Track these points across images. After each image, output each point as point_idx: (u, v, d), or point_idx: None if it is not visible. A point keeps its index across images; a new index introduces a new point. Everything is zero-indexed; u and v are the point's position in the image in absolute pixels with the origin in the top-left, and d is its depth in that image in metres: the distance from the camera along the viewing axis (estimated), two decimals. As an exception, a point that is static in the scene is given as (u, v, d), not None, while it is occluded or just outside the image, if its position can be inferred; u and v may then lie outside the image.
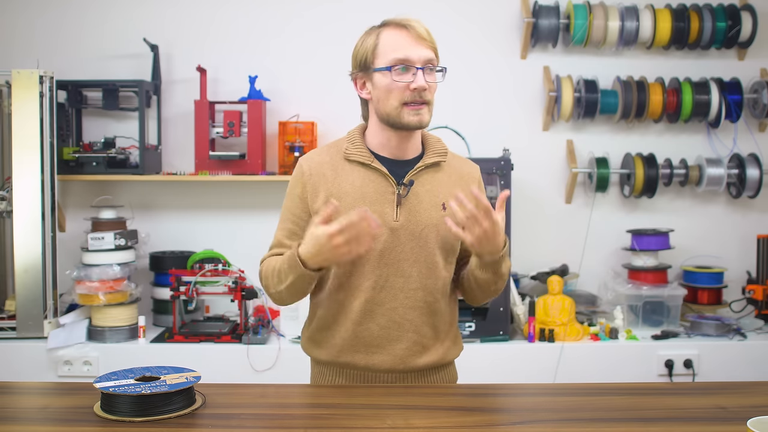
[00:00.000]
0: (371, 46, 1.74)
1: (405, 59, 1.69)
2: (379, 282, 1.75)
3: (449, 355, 1.85)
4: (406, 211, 1.75)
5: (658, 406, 1.59)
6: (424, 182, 1.78)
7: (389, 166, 1.78)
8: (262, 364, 2.91)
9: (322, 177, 1.78)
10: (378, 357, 1.77)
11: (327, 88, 3.38)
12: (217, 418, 1.50)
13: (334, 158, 1.80)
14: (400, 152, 1.79)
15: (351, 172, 1.77)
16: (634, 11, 3.31)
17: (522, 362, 2.97)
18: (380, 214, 1.74)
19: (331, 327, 1.81)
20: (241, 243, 3.37)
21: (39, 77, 2.92)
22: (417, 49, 1.70)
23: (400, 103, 1.71)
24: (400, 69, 1.70)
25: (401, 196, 1.75)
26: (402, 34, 1.72)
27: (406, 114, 1.71)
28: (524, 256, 3.36)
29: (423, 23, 1.74)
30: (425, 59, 1.70)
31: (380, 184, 1.76)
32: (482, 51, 3.43)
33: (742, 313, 3.33)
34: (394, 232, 1.74)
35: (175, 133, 3.40)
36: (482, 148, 3.25)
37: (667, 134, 3.49)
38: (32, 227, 2.92)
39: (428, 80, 1.71)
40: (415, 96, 1.70)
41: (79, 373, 2.89)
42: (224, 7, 3.39)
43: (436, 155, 1.80)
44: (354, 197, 1.75)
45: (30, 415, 1.58)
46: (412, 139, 1.79)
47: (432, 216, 1.76)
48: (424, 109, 1.72)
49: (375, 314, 1.76)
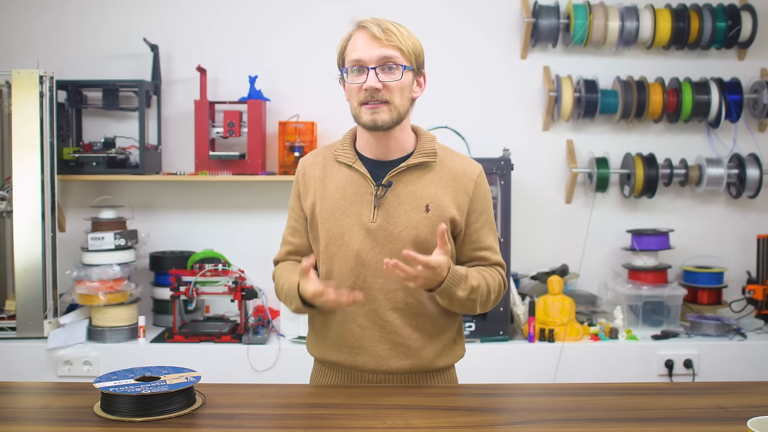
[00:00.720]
0: (341, 49, 1.77)
1: (357, 60, 1.70)
2: (357, 283, 1.75)
3: (441, 361, 1.81)
4: (384, 212, 1.74)
5: (658, 406, 1.59)
6: (407, 183, 1.76)
7: (372, 167, 1.77)
8: (262, 364, 2.91)
9: (312, 177, 1.83)
10: (361, 358, 1.77)
11: (327, 88, 3.35)
12: (217, 418, 1.50)
13: (326, 159, 1.84)
14: (383, 152, 1.78)
15: (337, 173, 1.80)
16: (634, 11, 3.31)
17: (522, 362, 2.97)
18: (358, 214, 1.75)
19: (319, 327, 1.85)
20: (241, 243, 3.37)
21: (39, 77, 2.92)
22: (370, 49, 1.69)
23: (359, 103, 1.72)
24: (356, 70, 1.71)
25: (378, 197, 1.74)
26: (359, 35, 1.72)
27: (363, 113, 1.72)
28: (524, 256, 3.36)
29: (388, 23, 1.71)
30: (378, 58, 1.68)
31: (360, 184, 1.77)
32: (482, 51, 3.43)
33: (742, 313, 3.33)
34: (371, 233, 1.74)
35: (175, 133, 3.40)
36: (482, 148, 3.25)
37: (667, 134, 3.49)
38: (32, 227, 2.92)
39: (384, 79, 1.69)
40: (368, 96, 1.69)
41: (79, 373, 2.89)
42: (224, 7, 3.39)
43: (422, 155, 1.77)
44: (336, 197, 1.77)
45: (30, 415, 1.58)
46: (392, 139, 1.77)
47: (411, 218, 1.73)
48: (382, 108, 1.69)
49: (356, 315, 1.76)
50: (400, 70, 1.70)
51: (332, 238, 1.76)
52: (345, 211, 1.76)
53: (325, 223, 1.78)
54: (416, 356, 1.77)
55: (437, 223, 1.72)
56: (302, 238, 1.87)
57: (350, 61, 1.72)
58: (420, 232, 1.73)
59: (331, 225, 1.76)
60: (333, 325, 1.80)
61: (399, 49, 1.70)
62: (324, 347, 1.83)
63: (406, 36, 1.72)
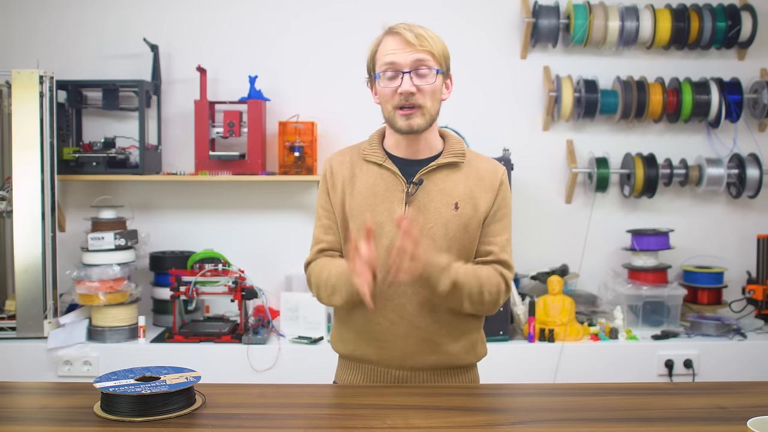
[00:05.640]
0: (371, 54, 1.80)
1: (391, 63, 1.73)
2: (386, 278, 1.75)
3: (466, 359, 1.84)
4: (415, 208, 1.77)
5: (658, 406, 1.59)
6: (437, 181, 1.79)
7: (402, 165, 1.81)
8: (262, 364, 2.92)
9: (340, 175, 1.85)
10: (387, 352, 1.79)
11: (327, 88, 3.38)
12: (217, 418, 1.50)
13: (354, 158, 1.86)
14: (413, 152, 1.82)
15: (367, 172, 1.83)
16: (634, 11, 3.31)
17: (522, 362, 2.97)
18: (389, 211, 1.77)
19: (346, 320, 1.85)
20: (241, 243, 3.38)
21: (39, 77, 2.92)
22: (404, 53, 1.72)
23: (393, 107, 1.75)
24: (390, 74, 1.73)
25: (410, 195, 1.78)
26: (393, 40, 1.75)
27: (398, 119, 1.75)
28: (524, 256, 3.36)
29: (419, 28, 1.75)
30: (413, 62, 1.72)
31: (391, 182, 1.80)
32: (482, 51, 3.43)
33: (742, 313, 3.33)
34: None
35: (175, 133, 3.40)
36: (482, 148, 3.21)
37: (667, 134, 3.49)
38: (32, 227, 2.92)
39: (418, 83, 1.72)
40: (403, 100, 1.72)
41: (79, 373, 2.89)
42: (224, 7, 3.39)
43: (452, 155, 1.82)
44: (365, 195, 1.80)
45: (30, 415, 1.58)
46: (422, 140, 1.81)
47: (441, 214, 1.77)
48: (416, 112, 1.73)
49: (384, 309, 1.78)
50: (433, 74, 1.74)
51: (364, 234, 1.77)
52: (376, 208, 1.78)
53: (356, 219, 1.80)
54: (442, 352, 1.80)
55: (466, 220, 1.77)
56: (335, 235, 1.87)
57: (383, 65, 1.74)
58: (450, 228, 1.77)
59: (362, 221, 1.78)
60: (360, 318, 1.81)
61: (431, 53, 1.74)
62: (350, 343, 1.84)
63: (436, 40, 1.76)
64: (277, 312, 3.18)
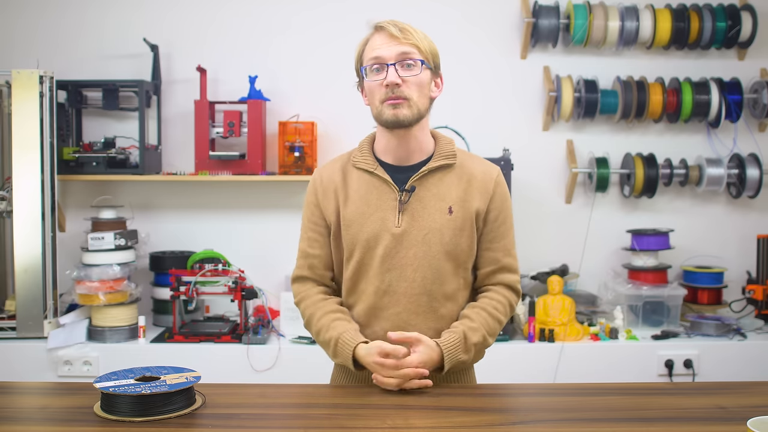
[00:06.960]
0: (359, 54, 1.80)
1: (376, 57, 1.73)
2: (381, 287, 1.77)
3: None
4: (409, 216, 1.76)
5: (658, 406, 1.59)
6: (429, 186, 1.78)
7: (393, 172, 1.80)
8: (262, 364, 2.92)
9: (332, 184, 1.83)
10: None
11: (327, 88, 3.38)
12: (217, 418, 1.50)
13: (344, 167, 1.85)
14: (404, 155, 1.80)
15: (358, 180, 1.81)
16: (634, 11, 3.31)
17: (522, 362, 2.97)
18: (383, 220, 1.76)
19: None
20: (241, 243, 3.38)
21: (39, 77, 2.92)
22: (389, 47, 1.72)
23: (381, 101, 1.74)
24: (376, 68, 1.73)
25: (402, 203, 1.77)
26: (378, 36, 1.75)
27: (384, 109, 1.74)
28: (524, 256, 3.31)
29: (404, 24, 1.75)
30: (397, 54, 1.71)
31: (383, 190, 1.79)
32: (482, 51, 3.43)
33: (742, 313, 3.33)
34: (396, 238, 1.76)
35: (175, 133, 3.40)
36: (482, 148, 3.25)
37: (667, 134, 3.49)
38: (32, 227, 2.92)
39: (403, 75, 1.71)
40: (389, 92, 1.72)
41: (79, 373, 2.89)
42: (224, 7, 3.39)
43: (442, 158, 1.80)
44: (358, 204, 1.79)
45: (30, 415, 1.58)
46: (412, 139, 1.79)
47: (436, 220, 1.76)
48: (402, 104, 1.72)
49: (379, 318, 1.79)
50: (418, 66, 1.73)
51: (357, 244, 1.78)
52: (369, 217, 1.77)
53: (349, 229, 1.79)
54: None
55: (460, 224, 1.76)
56: (322, 249, 1.86)
57: (369, 60, 1.74)
58: (445, 234, 1.76)
59: (356, 231, 1.78)
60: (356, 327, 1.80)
61: (416, 46, 1.73)
62: None
63: (422, 36, 1.76)
64: (277, 312, 3.18)
